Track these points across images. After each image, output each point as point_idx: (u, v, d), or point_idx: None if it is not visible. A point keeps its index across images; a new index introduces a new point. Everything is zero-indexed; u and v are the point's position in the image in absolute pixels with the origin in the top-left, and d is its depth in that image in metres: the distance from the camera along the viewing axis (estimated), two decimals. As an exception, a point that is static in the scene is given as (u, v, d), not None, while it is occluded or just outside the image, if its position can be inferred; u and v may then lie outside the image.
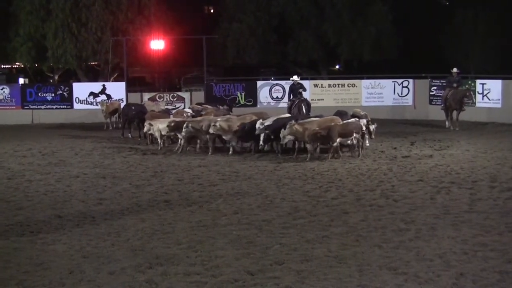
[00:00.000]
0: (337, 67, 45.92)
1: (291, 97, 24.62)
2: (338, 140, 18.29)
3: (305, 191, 14.35)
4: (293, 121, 18.43)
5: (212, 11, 51.77)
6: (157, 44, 34.43)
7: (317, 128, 18.21)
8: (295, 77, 25.08)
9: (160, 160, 18.97)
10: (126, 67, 34.46)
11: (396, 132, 25.57)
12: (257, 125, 18.96)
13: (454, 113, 26.69)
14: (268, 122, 19.14)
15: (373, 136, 20.70)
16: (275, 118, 19.64)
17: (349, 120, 19.05)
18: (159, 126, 20.90)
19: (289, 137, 18.47)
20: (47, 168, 18.04)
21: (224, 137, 19.89)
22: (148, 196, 14.15)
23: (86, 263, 9.47)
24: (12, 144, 23.33)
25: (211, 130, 19.49)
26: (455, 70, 27.17)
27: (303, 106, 23.21)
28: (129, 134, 24.51)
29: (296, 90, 24.28)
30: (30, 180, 16.16)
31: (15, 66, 47.64)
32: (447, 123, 26.78)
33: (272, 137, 19.09)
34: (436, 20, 37.96)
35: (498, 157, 18.84)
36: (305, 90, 24.94)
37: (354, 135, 18.51)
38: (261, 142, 19.04)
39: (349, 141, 18.71)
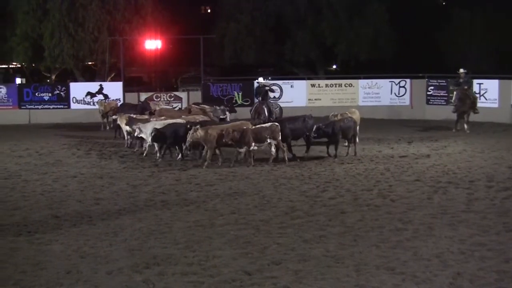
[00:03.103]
0: (334, 67, 45.92)
1: (257, 99, 24.20)
2: (253, 145, 17.62)
3: (302, 191, 14.35)
4: (198, 126, 17.74)
5: (209, 10, 51.72)
6: (154, 44, 34.43)
7: (231, 129, 17.52)
8: (260, 79, 24.57)
9: (157, 160, 18.93)
10: (123, 67, 34.43)
11: (393, 132, 25.56)
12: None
13: (466, 115, 25.43)
14: (159, 126, 18.88)
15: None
16: (170, 122, 19.30)
17: (264, 125, 18.36)
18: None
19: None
20: (44, 168, 18.02)
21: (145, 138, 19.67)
22: (145, 196, 14.14)
23: (83, 263, 9.47)
24: (9, 144, 23.28)
25: (135, 133, 19.56)
26: (461, 70, 25.98)
27: (264, 110, 22.73)
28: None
29: (261, 92, 23.53)
30: (27, 180, 16.14)
31: (12, 66, 47.55)
32: (458, 125, 25.59)
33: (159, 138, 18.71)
34: (433, 20, 37.99)
35: (495, 156, 18.86)
36: (273, 91, 24.43)
37: (268, 140, 17.84)
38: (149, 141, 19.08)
39: (262, 147, 18.08)
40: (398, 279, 8.64)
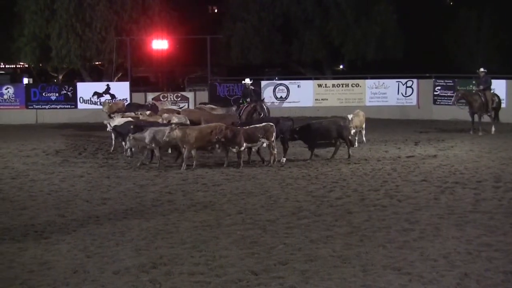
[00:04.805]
0: (341, 67, 45.93)
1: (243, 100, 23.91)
2: (244, 145, 17.29)
3: (309, 191, 14.34)
4: (174, 125, 17.58)
5: (216, 10, 51.80)
6: (161, 44, 34.50)
7: (223, 127, 17.21)
8: (247, 80, 24.17)
9: (164, 160, 18.93)
10: (130, 67, 34.53)
11: (400, 132, 25.54)
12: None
13: (477, 116, 24.71)
14: (116, 123, 19.66)
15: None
16: (127, 121, 19.73)
17: (258, 125, 17.88)
18: None
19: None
20: (51, 167, 18.07)
21: None
22: (152, 196, 14.15)
23: (90, 263, 9.48)
24: (16, 143, 23.37)
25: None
26: (481, 69, 25.12)
27: (264, 108, 22.39)
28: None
29: (248, 93, 23.53)
30: (34, 180, 16.19)
31: (19, 66, 47.78)
32: (479, 127, 24.83)
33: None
34: (440, 20, 37.98)
35: (503, 157, 18.81)
36: (258, 93, 24.39)
37: (261, 140, 17.46)
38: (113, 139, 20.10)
39: (256, 147, 17.79)
40: (405, 279, 8.62)
